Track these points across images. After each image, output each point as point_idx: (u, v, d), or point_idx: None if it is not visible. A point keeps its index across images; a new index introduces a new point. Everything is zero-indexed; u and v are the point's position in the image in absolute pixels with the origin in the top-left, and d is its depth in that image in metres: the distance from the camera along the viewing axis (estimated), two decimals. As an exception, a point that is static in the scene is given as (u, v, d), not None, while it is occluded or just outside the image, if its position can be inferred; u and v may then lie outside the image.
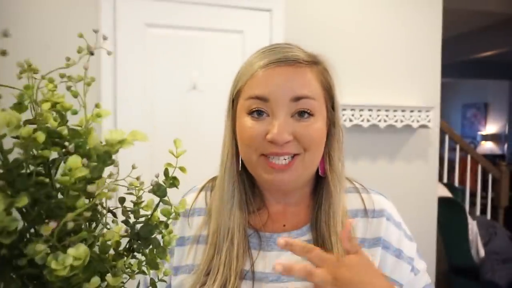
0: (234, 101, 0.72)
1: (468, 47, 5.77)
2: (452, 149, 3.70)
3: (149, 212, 0.43)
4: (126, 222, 0.43)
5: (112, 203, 0.43)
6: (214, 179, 0.80)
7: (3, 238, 0.31)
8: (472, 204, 3.90)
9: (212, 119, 2.00)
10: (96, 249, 0.38)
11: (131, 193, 0.43)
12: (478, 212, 3.94)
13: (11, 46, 0.33)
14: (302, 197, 0.76)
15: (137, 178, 0.42)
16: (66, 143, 0.39)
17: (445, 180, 3.79)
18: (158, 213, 0.44)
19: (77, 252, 0.32)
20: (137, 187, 0.42)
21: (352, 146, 2.29)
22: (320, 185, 0.74)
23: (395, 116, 2.32)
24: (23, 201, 0.31)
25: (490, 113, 8.19)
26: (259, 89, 0.67)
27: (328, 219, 0.70)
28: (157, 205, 0.44)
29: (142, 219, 0.44)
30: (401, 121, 2.32)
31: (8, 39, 0.36)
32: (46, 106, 0.41)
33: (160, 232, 0.43)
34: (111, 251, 0.40)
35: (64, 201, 0.34)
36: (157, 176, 0.44)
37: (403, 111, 2.33)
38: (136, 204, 0.43)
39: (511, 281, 2.77)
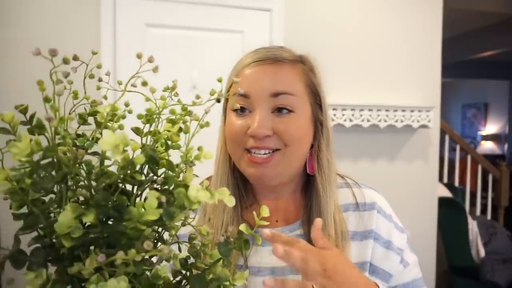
0: (226, 100, 0.76)
1: (468, 47, 5.77)
2: (452, 149, 3.70)
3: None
4: (185, 262, 0.41)
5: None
6: (210, 178, 0.82)
7: (66, 240, 0.33)
8: (472, 204, 3.90)
9: (212, 119, 2.00)
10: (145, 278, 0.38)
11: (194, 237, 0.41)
12: (478, 212, 3.94)
13: (12, 45, 0.33)
14: (292, 193, 0.78)
15: (209, 219, 0.42)
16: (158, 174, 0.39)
17: (445, 180, 3.79)
18: (217, 270, 0.41)
19: (115, 286, 0.32)
20: (204, 235, 0.41)
21: (352, 146, 2.29)
22: (310, 182, 0.76)
23: (395, 116, 2.32)
24: (89, 217, 0.33)
25: (490, 113, 8.18)
26: (241, 87, 0.70)
27: (320, 215, 0.72)
28: (216, 261, 0.41)
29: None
30: (401, 121, 2.32)
31: (9, 39, 0.36)
32: (170, 127, 0.41)
33: None
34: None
35: (126, 233, 0.34)
36: (229, 237, 0.42)
37: (403, 111, 2.33)
38: (198, 253, 0.41)
39: (511, 281, 2.77)
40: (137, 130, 0.41)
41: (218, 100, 0.41)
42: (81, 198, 0.35)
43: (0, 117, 0.34)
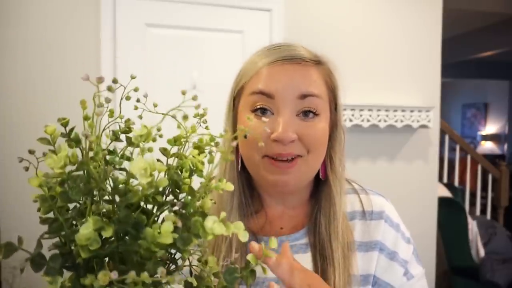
0: (235, 99, 0.70)
1: (468, 47, 5.77)
2: (452, 149, 3.70)
3: None
4: (190, 286, 0.42)
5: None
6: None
7: (83, 251, 0.34)
8: (472, 204, 3.90)
9: (212, 119, 2.00)
10: None
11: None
12: (478, 212, 3.94)
13: (12, 46, 0.33)
14: (301, 200, 0.74)
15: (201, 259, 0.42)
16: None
17: (445, 180, 3.79)
18: None
19: None
20: (210, 267, 0.41)
21: (352, 146, 2.29)
22: (320, 188, 0.72)
23: (395, 116, 2.32)
24: (109, 232, 0.34)
25: (490, 113, 8.18)
26: (265, 85, 0.65)
27: (329, 223, 0.68)
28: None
29: None
30: (401, 121, 2.32)
31: (8, 39, 0.36)
32: (195, 154, 0.43)
33: None
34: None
35: (139, 252, 0.35)
36: (232, 262, 0.43)
37: (403, 111, 2.33)
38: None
39: (511, 281, 2.77)
40: (164, 151, 0.44)
41: (236, 138, 0.42)
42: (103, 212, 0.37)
43: (44, 129, 0.37)
